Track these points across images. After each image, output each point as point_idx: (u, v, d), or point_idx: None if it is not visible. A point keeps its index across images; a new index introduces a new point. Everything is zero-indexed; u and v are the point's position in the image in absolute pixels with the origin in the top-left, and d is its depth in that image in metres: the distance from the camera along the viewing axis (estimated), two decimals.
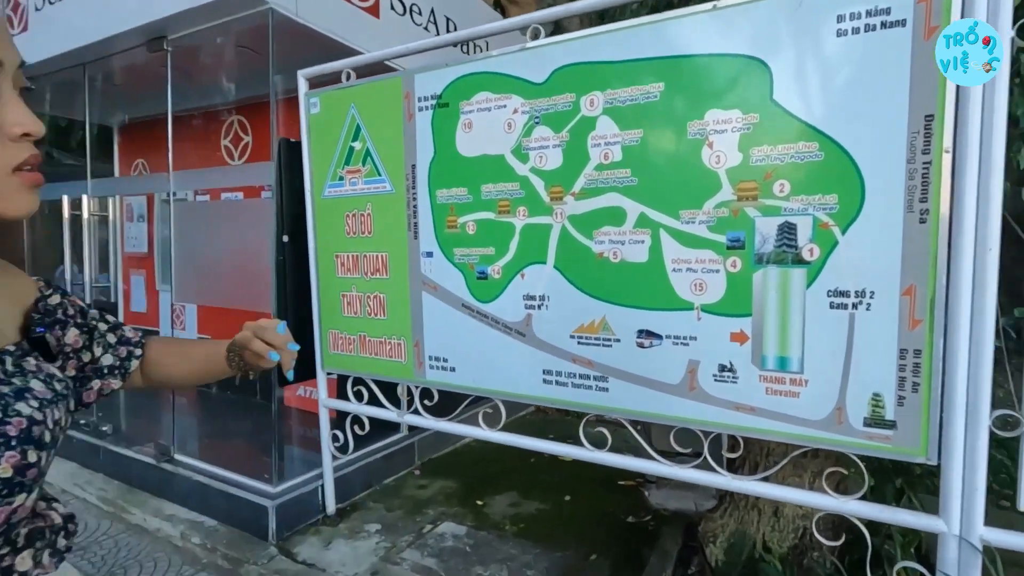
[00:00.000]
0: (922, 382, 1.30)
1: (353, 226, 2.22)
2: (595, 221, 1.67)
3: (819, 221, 1.38)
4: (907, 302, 1.30)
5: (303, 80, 2.28)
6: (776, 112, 1.40)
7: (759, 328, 1.47)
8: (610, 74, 1.61)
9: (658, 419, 1.65)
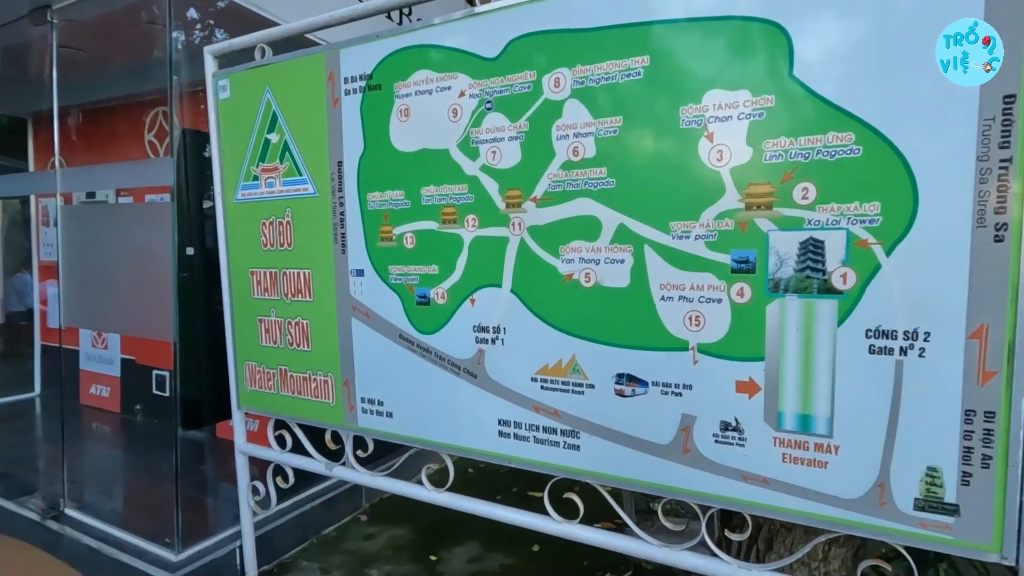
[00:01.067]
0: (996, 454, 0.97)
1: (270, 236, 1.81)
2: (562, 234, 1.31)
3: (856, 238, 1.04)
4: (976, 347, 0.97)
5: (210, 58, 1.87)
6: (797, 93, 1.06)
7: (774, 376, 1.13)
8: (580, 45, 1.25)
9: (643, 487, 1.29)
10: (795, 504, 1.13)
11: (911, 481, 1.03)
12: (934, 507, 1.02)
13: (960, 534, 1.01)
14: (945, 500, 1.01)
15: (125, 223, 2.02)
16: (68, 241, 2.15)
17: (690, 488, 1.23)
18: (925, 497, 1.03)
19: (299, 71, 1.68)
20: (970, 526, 1.00)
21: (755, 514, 1.20)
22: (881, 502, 1.06)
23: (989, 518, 0.98)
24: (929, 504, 1.03)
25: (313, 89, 1.65)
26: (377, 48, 1.52)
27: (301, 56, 1.68)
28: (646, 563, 2.30)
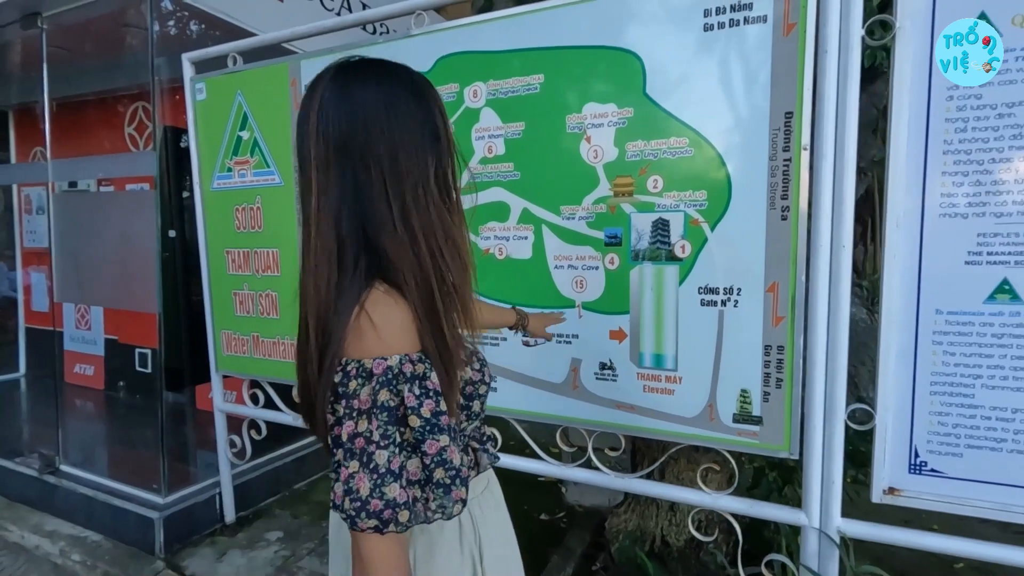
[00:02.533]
0: (785, 378, 1.31)
1: (243, 220, 2.10)
2: (481, 216, 1.62)
3: (690, 218, 1.37)
4: (771, 299, 1.31)
5: (188, 64, 2.13)
6: (649, 106, 1.38)
7: (636, 326, 1.46)
8: (492, 64, 1.56)
9: (545, 419, 1.62)
10: (653, 424, 1.47)
11: (730, 401, 1.37)
12: (746, 419, 1.36)
13: (763, 439, 1.35)
14: (753, 414, 1.35)
15: (114, 210, 2.28)
16: (60, 226, 2.39)
17: (579, 416, 1.56)
18: (740, 412, 1.37)
19: (266, 77, 1.96)
20: (770, 432, 1.34)
21: (626, 434, 1.54)
22: (711, 418, 1.40)
23: (781, 425, 1.33)
24: (743, 417, 1.36)
25: (278, 93, 1.93)
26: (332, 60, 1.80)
27: (268, 65, 1.95)
28: (578, 506, 2.65)
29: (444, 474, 0.67)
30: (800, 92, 1.23)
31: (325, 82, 0.70)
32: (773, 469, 1.82)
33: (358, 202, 0.67)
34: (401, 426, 0.65)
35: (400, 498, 0.64)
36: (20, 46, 2.82)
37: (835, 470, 1.27)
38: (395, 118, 0.68)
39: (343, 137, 0.67)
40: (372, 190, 0.67)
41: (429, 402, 0.66)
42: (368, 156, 0.67)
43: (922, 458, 1.23)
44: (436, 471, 0.66)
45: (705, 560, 2.00)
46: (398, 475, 0.64)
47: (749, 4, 1.26)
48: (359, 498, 0.63)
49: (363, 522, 0.63)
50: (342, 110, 0.67)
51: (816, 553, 1.32)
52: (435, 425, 0.66)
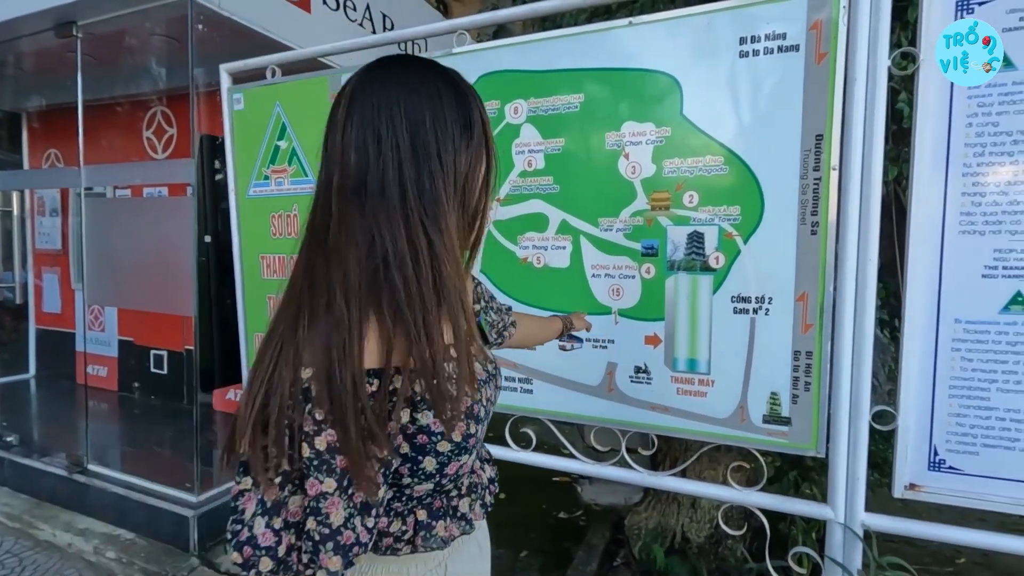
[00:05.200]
0: (813, 381, 1.40)
1: (279, 227, 2.16)
2: (519, 227, 1.71)
3: (724, 231, 1.46)
4: (800, 307, 1.40)
5: (226, 75, 2.20)
6: (686, 126, 1.47)
7: (671, 332, 1.55)
8: (533, 83, 1.64)
9: (580, 419, 1.70)
10: (686, 424, 1.56)
11: (760, 403, 1.46)
12: (775, 420, 1.45)
13: (792, 438, 1.44)
14: (782, 415, 1.45)
15: (151, 215, 2.34)
16: (93, 231, 2.45)
17: (613, 417, 1.64)
18: (769, 414, 1.46)
19: (305, 90, 2.03)
20: (798, 432, 1.43)
21: (659, 434, 1.63)
22: (742, 419, 1.49)
23: (809, 426, 1.42)
24: (772, 418, 1.46)
25: (317, 105, 2.00)
26: None
27: (307, 78, 2.02)
28: (595, 504, 2.73)
29: (315, 527, 0.55)
30: (830, 116, 1.32)
31: (357, 75, 0.68)
32: (792, 468, 1.91)
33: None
34: (298, 452, 0.56)
35: (262, 540, 0.55)
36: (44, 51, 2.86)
37: (860, 467, 1.37)
38: (422, 110, 0.63)
39: (364, 131, 0.63)
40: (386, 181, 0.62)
41: (329, 433, 0.55)
42: (389, 146, 0.62)
43: (941, 456, 1.33)
44: (308, 519, 0.55)
45: (724, 555, 2.09)
46: (268, 510, 0.55)
47: (783, 34, 1.36)
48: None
49: (231, 552, 0.56)
50: (364, 106, 0.64)
51: (841, 545, 1.41)
52: (325, 463, 0.54)
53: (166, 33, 2.50)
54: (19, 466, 2.70)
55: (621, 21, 1.52)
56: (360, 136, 0.62)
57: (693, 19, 1.44)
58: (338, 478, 0.55)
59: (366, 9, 2.99)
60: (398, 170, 0.61)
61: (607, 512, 2.63)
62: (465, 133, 0.66)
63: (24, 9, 2.38)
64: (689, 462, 1.64)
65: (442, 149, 0.63)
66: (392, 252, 0.59)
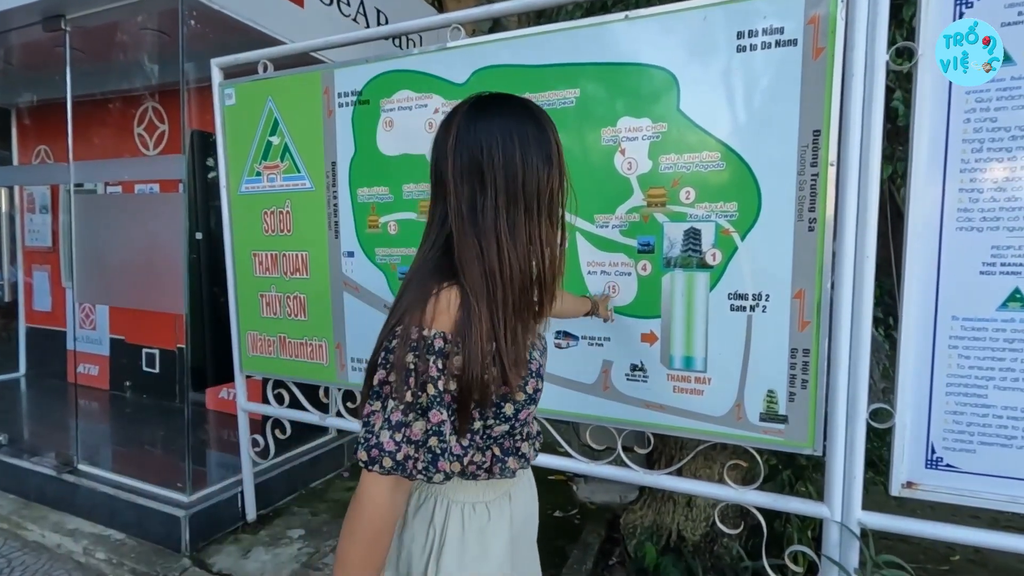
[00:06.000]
0: (810, 379, 1.39)
1: (271, 224, 2.14)
2: None
3: (721, 227, 1.45)
4: (797, 305, 1.39)
5: (217, 70, 2.17)
6: (682, 122, 1.46)
7: (667, 329, 1.53)
8: (529, 78, 1.62)
9: (575, 418, 1.69)
10: (682, 423, 1.54)
11: (757, 400, 1.45)
12: (772, 418, 1.44)
13: (788, 436, 1.43)
14: (779, 413, 1.44)
15: (140, 212, 2.31)
16: (82, 227, 2.41)
17: (609, 416, 1.63)
18: (766, 411, 1.45)
19: (298, 85, 2.00)
20: (794, 430, 1.42)
21: (655, 432, 1.61)
22: (738, 417, 1.48)
23: (806, 424, 1.41)
24: (769, 416, 1.45)
25: (311, 101, 1.98)
26: (367, 70, 1.86)
27: (300, 73, 2.00)
28: (590, 503, 2.72)
29: (436, 443, 0.76)
30: (828, 112, 1.31)
31: (462, 112, 0.82)
32: (787, 466, 1.90)
33: (471, 213, 0.79)
34: (420, 390, 0.75)
35: (387, 446, 0.74)
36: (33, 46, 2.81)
37: (857, 466, 1.36)
38: (514, 145, 0.79)
39: (470, 159, 0.79)
40: (486, 203, 0.78)
41: (444, 379, 0.75)
42: (486, 175, 0.78)
43: (938, 454, 1.32)
44: (431, 439, 0.76)
45: (719, 553, 2.08)
46: (394, 427, 0.75)
47: (780, 28, 1.35)
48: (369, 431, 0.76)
49: (359, 452, 0.76)
50: (471, 137, 0.79)
51: (837, 544, 1.40)
52: (441, 400, 0.75)
53: (156, 27, 2.46)
54: (7, 466, 2.66)
55: (617, 16, 1.50)
56: (467, 167, 0.79)
57: (690, 13, 1.43)
58: (449, 411, 0.77)
59: (360, 4, 2.96)
60: (495, 200, 0.78)
61: (602, 510, 2.62)
62: (546, 163, 0.81)
63: (11, 2, 2.34)
64: (685, 461, 1.63)
65: (527, 180, 0.79)
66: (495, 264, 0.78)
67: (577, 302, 1.47)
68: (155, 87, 3.29)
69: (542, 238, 0.81)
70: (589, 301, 1.51)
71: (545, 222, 0.82)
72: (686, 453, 1.96)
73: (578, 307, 1.47)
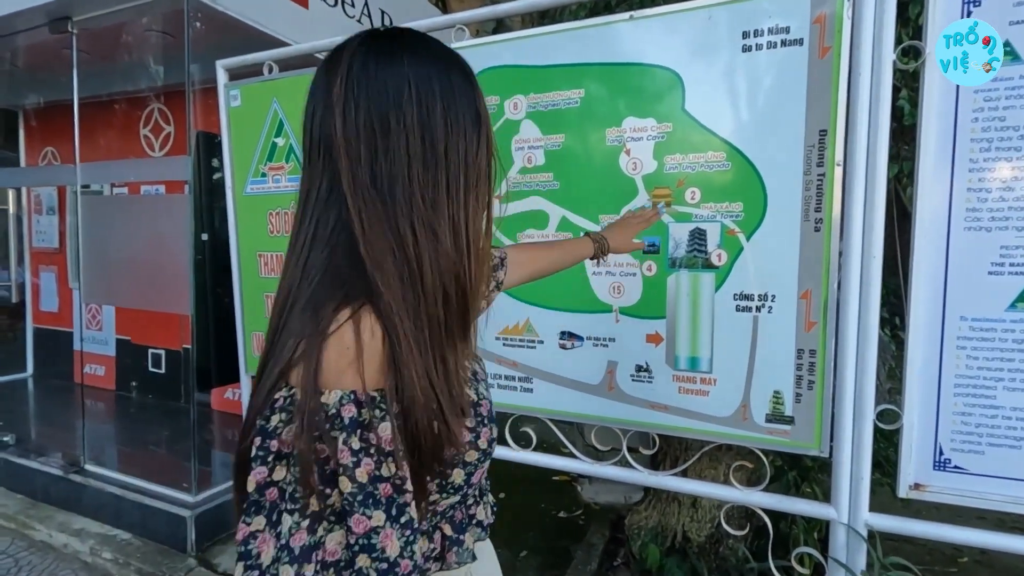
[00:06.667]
0: (816, 380, 1.39)
1: (277, 225, 2.14)
2: (519, 224, 1.69)
3: (726, 228, 1.44)
4: (804, 305, 1.38)
5: (222, 71, 2.18)
6: (687, 122, 1.46)
7: (672, 330, 1.53)
8: (533, 78, 1.62)
9: (580, 419, 1.68)
10: (687, 423, 1.54)
11: (763, 401, 1.45)
12: (778, 419, 1.44)
13: (794, 437, 1.42)
14: (785, 413, 1.43)
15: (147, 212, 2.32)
16: (89, 228, 2.43)
17: (614, 416, 1.62)
18: (772, 412, 1.44)
19: (303, 86, 1.99)
20: (801, 431, 1.42)
21: (661, 433, 1.61)
22: (744, 418, 1.47)
23: (812, 425, 1.40)
24: (775, 417, 1.44)
25: None
26: None
27: (305, 74, 2.00)
28: (594, 503, 2.72)
29: (370, 564, 0.50)
30: (834, 111, 1.31)
31: (353, 50, 0.58)
32: (792, 467, 1.90)
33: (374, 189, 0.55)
34: (328, 486, 0.50)
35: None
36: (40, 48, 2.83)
37: (864, 467, 1.35)
38: (434, 97, 0.56)
39: (371, 113, 0.55)
40: (395, 173, 0.55)
41: (368, 462, 0.50)
42: (394, 136, 0.55)
43: (946, 455, 1.31)
44: (359, 557, 0.49)
45: (724, 554, 2.08)
46: (298, 556, 0.49)
47: (786, 28, 1.34)
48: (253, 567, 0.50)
49: None
50: (371, 83, 0.55)
51: (844, 546, 1.39)
52: (369, 495, 0.49)
53: (162, 29, 2.48)
54: (15, 466, 2.68)
55: (622, 16, 1.50)
56: (367, 123, 0.54)
57: (695, 13, 1.42)
58: (385, 508, 0.50)
59: (364, 5, 2.97)
60: (407, 167, 0.54)
61: (606, 511, 2.61)
62: (475, 125, 0.59)
63: (18, 5, 2.36)
64: (691, 462, 1.62)
65: (450, 146, 0.56)
66: (414, 262, 0.54)
67: (565, 250, 1.13)
68: (161, 89, 3.31)
69: (467, 225, 0.58)
70: (588, 242, 1.17)
71: (472, 204, 0.59)
72: (691, 454, 1.96)
73: (570, 254, 1.14)
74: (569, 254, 1.14)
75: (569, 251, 1.14)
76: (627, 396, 1.60)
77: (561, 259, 1.13)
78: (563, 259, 1.13)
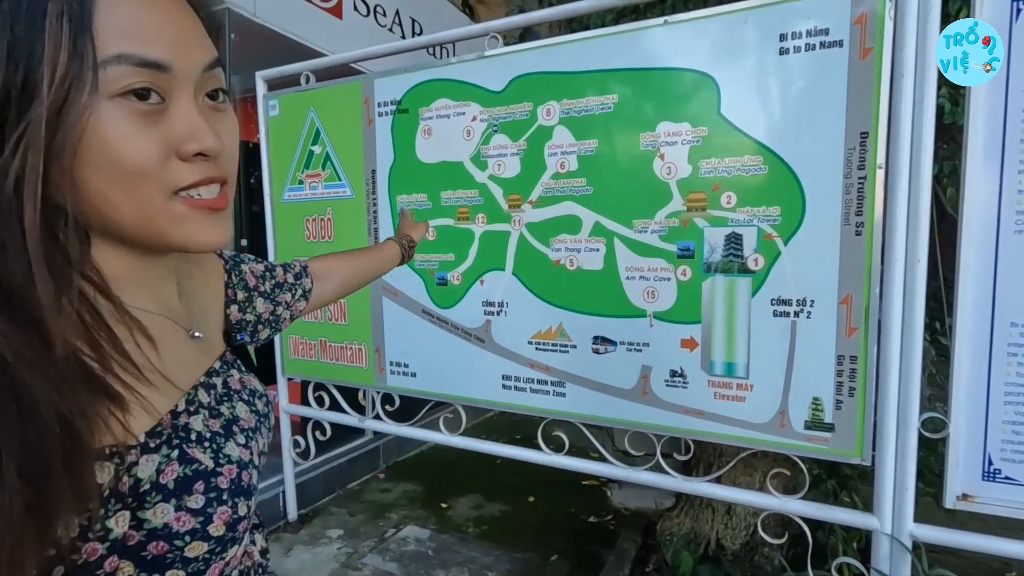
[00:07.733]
0: (858, 387, 1.36)
1: (313, 230, 2.20)
2: (552, 229, 1.70)
3: (763, 232, 1.43)
4: (844, 310, 1.36)
5: (261, 82, 2.24)
6: (723, 126, 1.45)
7: (708, 335, 1.52)
8: (566, 84, 1.63)
9: (613, 423, 1.68)
10: (723, 429, 1.52)
11: (802, 408, 1.43)
12: (817, 426, 1.41)
13: (834, 444, 1.40)
14: (825, 421, 1.41)
15: None
16: None
17: (648, 421, 1.62)
18: (811, 419, 1.42)
19: (339, 96, 2.05)
20: (841, 439, 1.39)
21: (695, 439, 1.60)
22: (782, 424, 1.45)
23: (853, 432, 1.38)
24: (814, 424, 1.42)
25: (351, 110, 2.03)
26: (406, 80, 1.90)
27: (341, 84, 2.05)
28: (624, 508, 2.70)
29: None
30: (876, 113, 1.28)
31: None
32: (831, 475, 1.86)
33: None
34: None
35: None
36: None
37: (908, 476, 1.32)
38: None
39: None
40: None
41: None
42: None
43: (996, 465, 1.27)
44: None
45: (760, 563, 2.04)
46: None
47: (825, 30, 1.32)
48: None
49: None
50: None
51: (888, 557, 1.36)
52: None
53: None
54: None
55: (656, 20, 1.50)
56: None
57: (730, 16, 1.42)
58: None
59: (396, 14, 3.02)
60: None
61: (636, 516, 2.59)
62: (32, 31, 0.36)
63: None
64: (727, 468, 1.61)
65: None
66: None
67: (368, 258, 0.98)
68: None
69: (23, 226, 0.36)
70: (392, 245, 1.04)
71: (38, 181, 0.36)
72: (725, 460, 1.93)
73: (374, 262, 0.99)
74: (374, 263, 0.99)
75: (375, 259, 1.00)
76: (661, 401, 1.59)
77: (367, 268, 0.97)
78: (369, 268, 0.98)
